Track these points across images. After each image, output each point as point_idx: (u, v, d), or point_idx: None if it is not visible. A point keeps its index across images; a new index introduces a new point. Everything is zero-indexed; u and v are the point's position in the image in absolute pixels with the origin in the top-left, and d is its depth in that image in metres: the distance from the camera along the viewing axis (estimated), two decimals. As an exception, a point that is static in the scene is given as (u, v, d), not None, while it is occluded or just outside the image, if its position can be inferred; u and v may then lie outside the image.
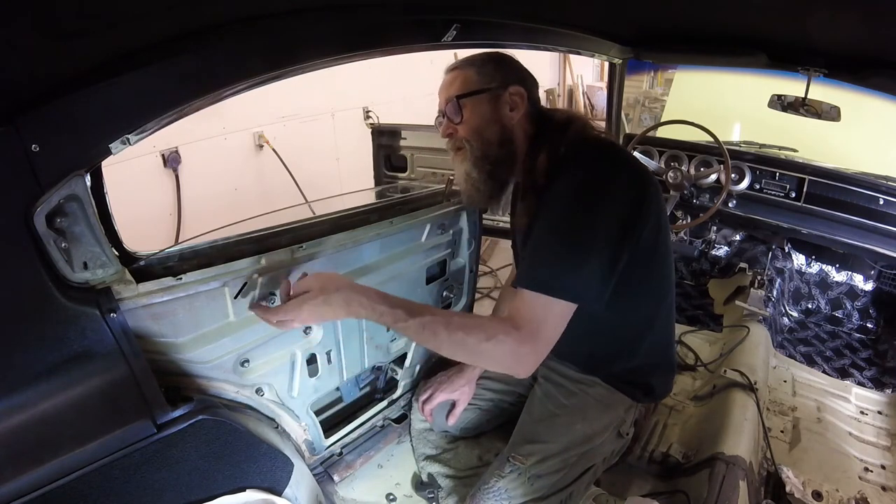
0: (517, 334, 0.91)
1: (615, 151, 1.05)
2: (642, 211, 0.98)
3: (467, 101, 1.04)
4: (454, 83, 1.07)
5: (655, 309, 1.14)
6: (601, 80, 6.36)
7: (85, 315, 0.72)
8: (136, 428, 0.80)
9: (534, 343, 0.91)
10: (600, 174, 0.97)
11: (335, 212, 1.18)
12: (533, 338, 0.91)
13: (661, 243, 1.06)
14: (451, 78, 1.08)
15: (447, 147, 1.12)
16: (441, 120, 1.09)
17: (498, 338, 0.90)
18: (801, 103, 1.76)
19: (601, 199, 0.94)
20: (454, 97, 1.05)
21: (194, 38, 0.70)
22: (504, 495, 1.07)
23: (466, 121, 1.05)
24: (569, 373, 1.23)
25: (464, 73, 1.06)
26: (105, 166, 0.77)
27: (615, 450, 1.24)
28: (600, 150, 1.02)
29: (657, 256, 1.07)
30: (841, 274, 2.50)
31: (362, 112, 3.74)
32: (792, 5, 1.05)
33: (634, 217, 0.96)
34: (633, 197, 0.97)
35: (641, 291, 1.08)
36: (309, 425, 1.25)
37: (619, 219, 0.94)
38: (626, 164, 1.02)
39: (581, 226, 0.93)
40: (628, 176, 0.99)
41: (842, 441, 1.67)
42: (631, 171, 1.00)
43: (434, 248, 1.39)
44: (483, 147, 1.05)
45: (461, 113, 1.05)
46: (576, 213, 0.94)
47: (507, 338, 0.90)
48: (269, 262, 0.99)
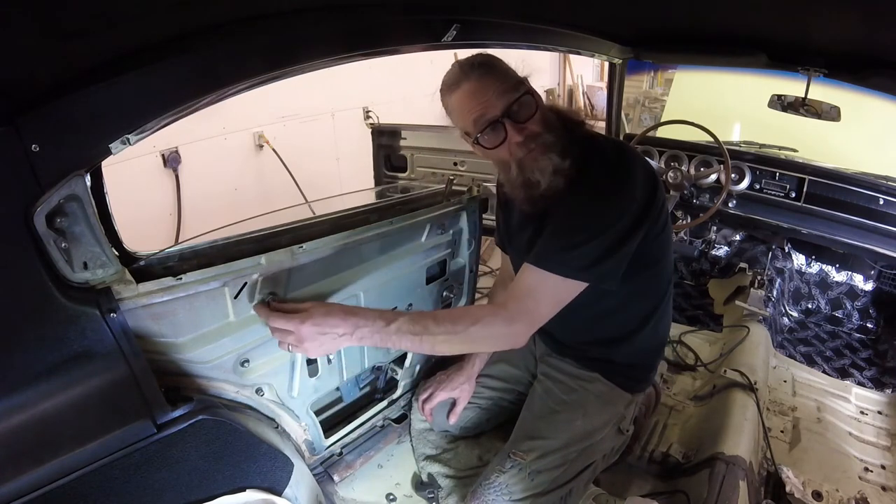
0: (504, 313, 0.98)
1: (629, 152, 1.07)
2: (651, 212, 1.02)
3: (522, 100, 0.97)
4: (494, 84, 0.96)
5: (659, 294, 1.19)
6: (601, 80, 6.36)
7: (85, 315, 0.72)
8: (136, 428, 0.80)
9: (528, 319, 0.98)
10: (616, 173, 1.00)
11: (335, 212, 1.18)
12: (527, 314, 0.98)
13: (664, 235, 1.11)
14: (484, 85, 0.96)
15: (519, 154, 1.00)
16: (497, 125, 0.97)
17: (486, 320, 0.97)
18: (801, 103, 1.76)
19: (615, 194, 0.98)
20: (524, 92, 0.97)
21: (194, 38, 0.70)
22: (504, 491, 1.08)
23: (531, 125, 0.98)
24: (569, 369, 1.23)
25: (492, 77, 0.97)
26: (105, 166, 0.77)
27: (615, 447, 1.25)
28: (614, 150, 1.05)
29: (662, 247, 1.12)
30: (841, 274, 2.50)
31: (362, 112, 3.74)
32: (792, 5, 1.06)
33: (644, 215, 1.00)
34: (644, 196, 1.01)
35: (647, 279, 1.13)
36: (309, 425, 1.25)
37: (631, 214, 0.98)
38: (640, 165, 1.04)
39: (591, 216, 0.98)
40: (642, 176, 1.02)
41: (842, 441, 1.67)
42: (644, 172, 1.03)
43: (434, 248, 1.39)
44: (555, 135, 1.00)
45: (521, 116, 0.97)
46: (588, 206, 0.99)
47: (494, 318, 0.98)
48: (269, 262, 0.99)
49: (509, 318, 0.97)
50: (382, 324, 0.95)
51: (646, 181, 1.02)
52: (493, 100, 0.96)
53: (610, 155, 1.03)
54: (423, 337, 0.95)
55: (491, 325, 0.97)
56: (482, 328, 0.96)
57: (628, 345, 1.20)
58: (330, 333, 0.93)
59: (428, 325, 0.96)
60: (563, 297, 1.00)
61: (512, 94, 0.97)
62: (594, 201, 0.99)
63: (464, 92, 0.98)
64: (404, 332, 0.95)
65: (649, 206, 1.02)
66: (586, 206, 1.00)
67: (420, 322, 0.96)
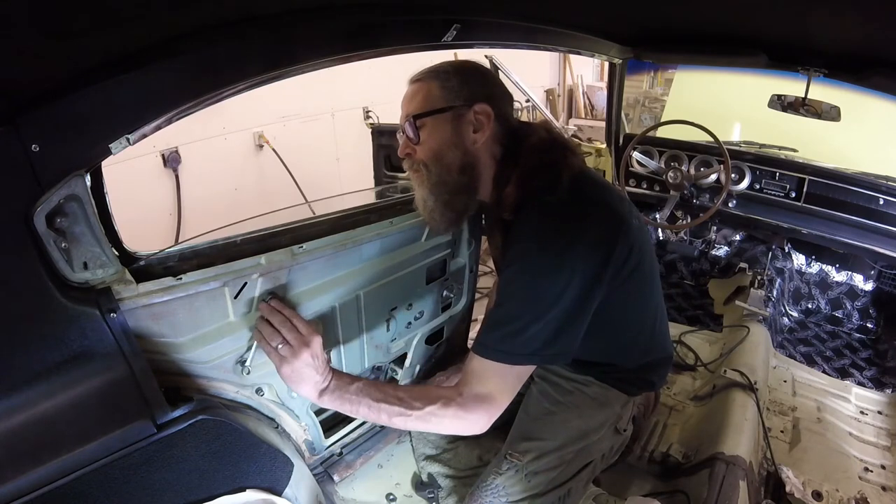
0: (459, 400, 0.91)
1: (590, 187, 0.97)
2: (613, 257, 0.91)
3: (427, 121, 0.96)
4: (415, 98, 0.98)
5: (644, 322, 1.12)
6: (601, 80, 6.36)
7: (85, 315, 0.71)
8: (136, 428, 0.80)
9: (484, 408, 0.92)
10: (569, 220, 0.90)
11: (335, 212, 1.18)
12: (483, 403, 0.92)
13: (641, 268, 1.00)
14: (413, 91, 0.99)
15: (404, 167, 1.04)
16: (400, 136, 1.01)
17: (441, 403, 0.91)
18: (801, 103, 1.76)
19: (567, 249, 0.88)
20: (411, 116, 0.96)
21: (194, 38, 0.70)
22: (502, 492, 1.08)
23: (424, 142, 0.97)
24: (563, 372, 1.23)
25: (427, 86, 0.98)
26: (105, 166, 0.77)
27: (614, 446, 1.24)
28: (573, 187, 0.92)
29: (638, 282, 1.01)
30: (841, 274, 2.50)
31: (362, 112, 3.74)
32: (792, 5, 1.05)
33: (604, 265, 0.91)
34: (604, 244, 0.91)
35: (627, 314, 1.06)
36: (309, 425, 1.24)
37: (586, 272, 0.89)
38: (599, 204, 0.94)
39: (542, 281, 0.88)
40: (600, 221, 0.92)
41: (842, 441, 1.67)
42: (603, 213, 0.93)
43: (434, 248, 1.39)
44: (441, 172, 0.97)
45: (419, 133, 0.97)
46: (538, 265, 0.89)
47: (448, 404, 0.91)
48: (269, 261, 0.99)
49: (463, 406, 0.91)
50: (347, 381, 0.94)
51: (605, 227, 0.91)
52: (404, 109, 1.00)
53: (566, 197, 0.91)
54: (381, 405, 0.92)
55: (445, 410, 0.91)
56: (437, 410, 0.91)
57: (621, 365, 1.17)
58: (311, 373, 0.92)
59: (387, 395, 0.93)
60: (514, 383, 0.94)
61: (412, 112, 0.97)
62: (535, 269, 0.89)
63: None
64: (364, 394, 0.93)
65: (608, 257, 0.91)
66: (527, 278, 0.89)
67: (381, 390, 0.94)
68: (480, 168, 1.00)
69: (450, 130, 0.96)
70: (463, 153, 0.97)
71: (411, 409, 0.91)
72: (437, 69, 0.99)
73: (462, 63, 1.03)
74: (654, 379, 1.24)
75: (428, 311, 1.46)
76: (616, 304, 0.98)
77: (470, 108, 0.97)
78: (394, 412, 0.92)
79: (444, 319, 1.53)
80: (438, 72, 0.99)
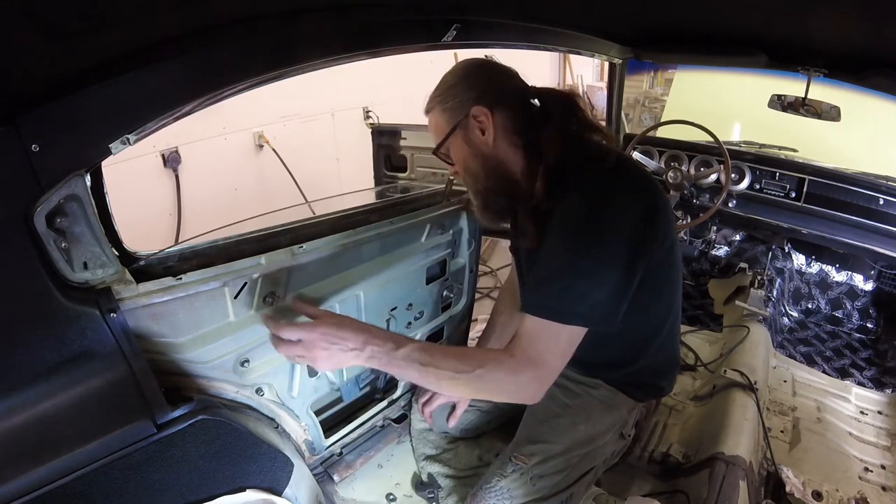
0: (510, 361, 0.89)
1: (621, 165, 0.99)
2: (653, 230, 0.94)
3: (447, 145, 1.04)
4: (432, 130, 1.07)
5: (663, 317, 1.13)
6: (601, 80, 6.35)
7: (85, 315, 0.71)
8: (136, 428, 0.80)
9: (535, 369, 0.90)
10: (607, 196, 0.92)
11: (335, 212, 1.18)
12: (534, 364, 0.89)
13: (671, 256, 1.04)
14: (428, 124, 1.07)
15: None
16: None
17: (490, 364, 0.89)
18: (801, 103, 1.76)
19: (610, 223, 0.90)
20: (433, 153, 1.06)
21: (194, 38, 0.70)
22: (506, 495, 1.07)
23: (455, 161, 1.06)
24: (571, 374, 1.22)
25: (434, 117, 1.05)
26: (105, 166, 0.77)
27: (616, 451, 1.24)
28: (604, 166, 0.96)
29: (667, 269, 1.05)
30: (841, 274, 2.50)
31: (362, 112, 3.74)
32: (792, 5, 1.05)
33: (644, 237, 0.93)
34: (642, 216, 0.92)
35: (651, 304, 1.06)
36: (309, 425, 1.24)
37: (630, 241, 0.90)
38: (634, 179, 0.98)
39: (590, 251, 0.89)
40: (637, 194, 0.95)
41: (842, 441, 1.67)
42: (639, 187, 0.96)
43: (434, 248, 1.39)
44: (474, 182, 1.06)
45: (450, 157, 1.06)
46: (584, 238, 0.90)
47: (499, 365, 0.89)
48: (269, 261, 0.99)
49: (514, 368, 0.89)
50: (392, 346, 0.90)
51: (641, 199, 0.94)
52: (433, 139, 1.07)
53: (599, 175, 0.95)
54: (429, 369, 0.90)
55: (496, 371, 0.89)
56: (487, 372, 0.89)
57: (632, 366, 1.16)
58: (339, 345, 0.89)
59: (436, 357, 0.90)
60: (565, 347, 0.91)
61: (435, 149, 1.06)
62: (582, 234, 0.91)
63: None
64: (412, 359, 0.90)
65: (650, 224, 0.93)
66: (574, 241, 0.91)
67: (429, 352, 0.91)
68: (507, 164, 1.03)
69: (464, 145, 1.02)
70: (483, 158, 1.02)
71: (460, 372, 0.89)
72: (437, 93, 1.04)
73: (453, 72, 1.05)
74: (662, 384, 1.24)
75: (428, 311, 1.46)
76: (646, 288, 0.98)
77: (467, 116, 1.00)
78: (442, 376, 0.90)
79: (444, 319, 1.53)
80: (438, 96, 1.03)
